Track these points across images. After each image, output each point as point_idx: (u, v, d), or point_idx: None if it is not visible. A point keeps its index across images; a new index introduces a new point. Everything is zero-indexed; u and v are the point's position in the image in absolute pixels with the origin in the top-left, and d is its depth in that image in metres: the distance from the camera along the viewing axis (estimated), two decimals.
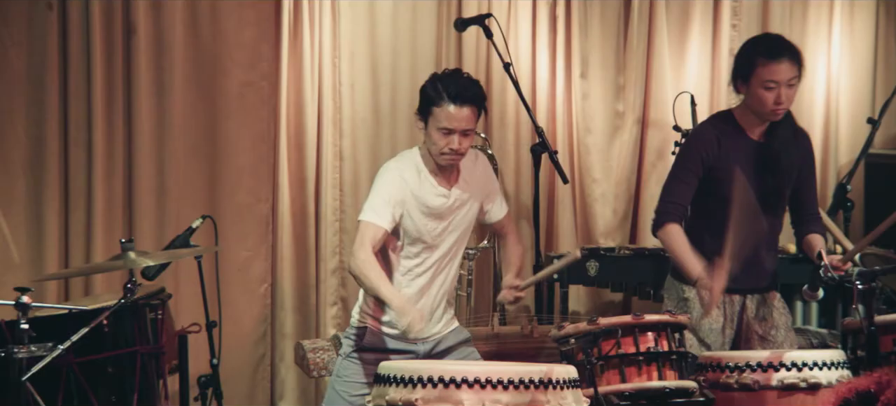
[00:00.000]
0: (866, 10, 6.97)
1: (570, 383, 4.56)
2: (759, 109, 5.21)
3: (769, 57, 5.15)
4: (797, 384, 4.93)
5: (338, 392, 5.03)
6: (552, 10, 6.91)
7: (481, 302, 6.73)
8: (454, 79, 4.90)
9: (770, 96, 5.15)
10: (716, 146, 5.25)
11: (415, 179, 4.93)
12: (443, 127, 4.86)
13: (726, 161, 5.24)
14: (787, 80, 5.15)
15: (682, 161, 5.35)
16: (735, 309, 5.36)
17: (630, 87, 6.91)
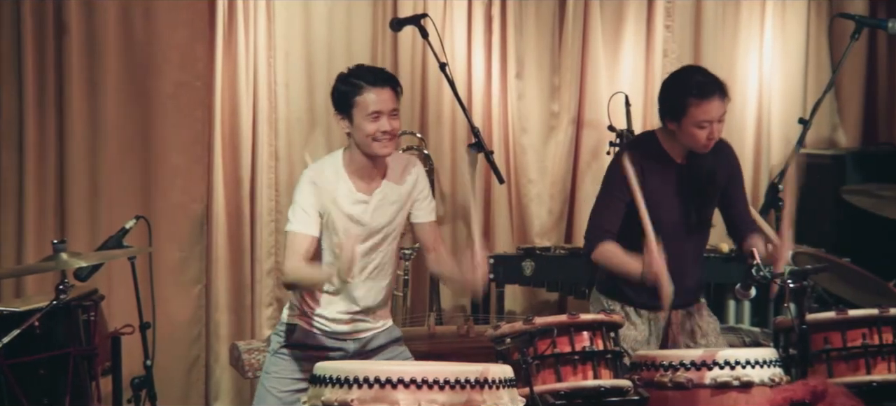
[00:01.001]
0: (797, 11, 7.04)
1: (505, 383, 4.57)
2: (690, 145, 5.23)
3: (701, 97, 5.15)
4: (730, 382, 4.97)
5: (266, 388, 5.02)
6: (487, 10, 6.93)
7: (417, 302, 6.73)
8: (365, 67, 4.97)
9: (703, 134, 5.18)
10: (639, 171, 5.25)
11: (333, 185, 4.93)
12: (371, 112, 4.87)
13: (651, 186, 5.25)
14: (718, 116, 5.18)
15: (607, 187, 5.36)
16: (660, 325, 5.39)
17: (565, 88, 6.94)
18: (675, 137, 5.25)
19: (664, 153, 5.29)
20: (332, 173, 4.96)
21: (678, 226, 5.24)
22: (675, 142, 5.27)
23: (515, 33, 6.92)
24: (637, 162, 5.27)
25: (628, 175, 5.08)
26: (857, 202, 5.48)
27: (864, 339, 5.11)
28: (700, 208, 5.30)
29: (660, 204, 5.19)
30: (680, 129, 5.21)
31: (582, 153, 6.95)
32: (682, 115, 5.17)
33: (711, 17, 6.99)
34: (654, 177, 5.25)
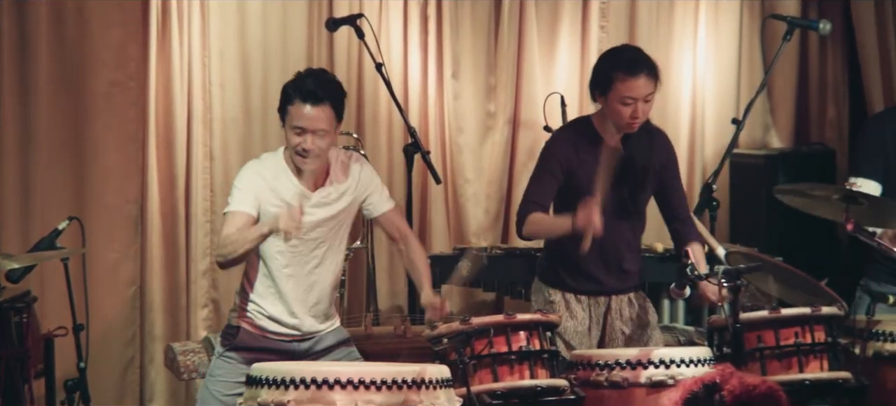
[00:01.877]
0: (730, 13, 7.10)
1: (442, 383, 4.59)
2: (616, 121, 5.29)
3: (628, 73, 5.21)
4: (665, 381, 5.01)
5: (211, 392, 5.00)
6: (423, 10, 6.93)
7: (354, 302, 6.73)
8: (311, 77, 4.89)
9: (627, 111, 5.23)
10: (572, 152, 5.31)
11: (274, 178, 4.91)
12: (295, 126, 4.85)
13: (584, 167, 5.30)
14: (644, 95, 5.23)
15: (540, 164, 5.41)
16: (600, 311, 5.44)
17: (501, 88, 6.96)
18: (605, 115, 5.30)
19: (598, 136, 5.35)
20: (275, 166, 4.95)
21: (612, 208, 5.28)
22: (607, 124, 5.32)
23: (451, 33, 6.93)
24: (572, 142, 5.31)
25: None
26: (790, 202, 5.53)
27: (796, 337, 5.16)
28: (633, 193, 5.36)
29: (591, 186, 5.23)
30: (607, 104, 5.27)
31: (518, 153, 6.98)
32: (609, 89, 5.24)
33: (646, 18, 7.03)
34: (587, 158, 5.29)
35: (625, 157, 5.34)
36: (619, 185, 5.31)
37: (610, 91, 5.24)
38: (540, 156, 5.49)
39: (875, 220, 5.42)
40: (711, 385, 2.93)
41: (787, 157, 6.75)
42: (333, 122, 4.88)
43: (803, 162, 6.77)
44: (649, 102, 5.26)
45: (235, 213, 4.87)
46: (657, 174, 5.41)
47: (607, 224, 5.20)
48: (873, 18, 6.89)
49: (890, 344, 5.44)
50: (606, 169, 5.13)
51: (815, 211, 5.51)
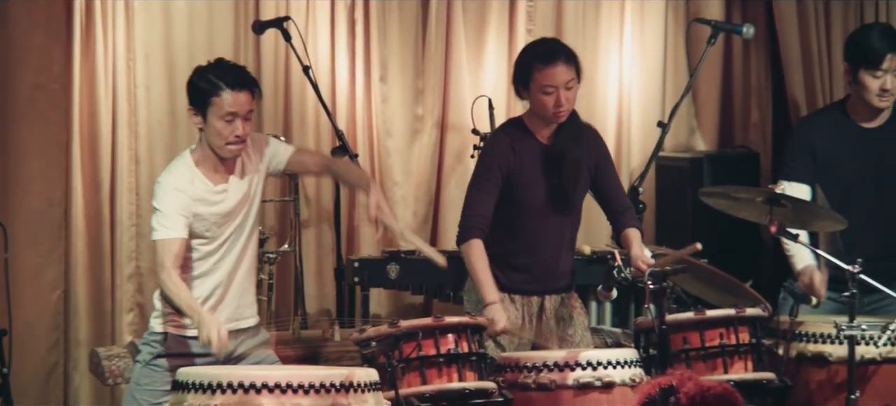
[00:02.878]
0: (655, 17, 7.15)
1: (371, 386, 4.59)
2: (541, 113, 5.33)
3: (545, 62, 5.27)
4: (592, 383, 5.04)
5: (137, 400, 4.96)
6: (350, 13, 6.92)
7: (282, 306, 6.70)
8: (226, 67, 4.96)
9: (550, 100, 5.27)
10: (510, 153, 5.35)
11: (190, 186, 4.92)
12: (227, 113, 4.86)
13: (521, 166, 5.34)
14: (564, 82, 5.27)
15: (480, 171, 5.43)
16: (533, 310, 5.46)
17: (429, 91, 6.97)
18: (533, 111, 5.34)
19: (530, 133, 5.38)
20: (186, 173, 4.94)
21: (547, 206, 5.32)
22: (536, 121, 5.36)
23: (379, 37, 6.93)
24: (508, 144, 5.35)
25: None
26: (714, 204, 5.59)
27: (721, 338, 5.21)
28: (568, 190, 5.39)
29: (528, 184, 5.28)
30: (530, 97, 5.32)
31: (446, 156, 6.99)
32: (530, 81, 5.30)
33: (572, 22, 7.07)
34: (524, 157, 5.33)
35: (557, 154, 5.37)
36: (552, 181, 5.34)
37: (531, 83, 5.30)
38: (479, 161, 5.49)
39: (798, 222, 5.49)
40: (668, 388, 2.95)
41: (712, 160, 6.82)
42: (253, 106, 4.97)
43: (728, 165, 6.84)
44: (571, 90, 5.29)
45: (165, 241, 4.87)
46: (592, 170, 5.45)
47: (542, 222, 5.24)
48: (795, 22, 6.98)
49: (813, 345, 5.51)
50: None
51: (740, 213, 5.57)
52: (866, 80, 5.72)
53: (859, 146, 5.82)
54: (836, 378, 5.46)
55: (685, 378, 2.99)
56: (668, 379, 2.99)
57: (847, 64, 5.81)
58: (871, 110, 5.80)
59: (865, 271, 5.30)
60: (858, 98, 5.80)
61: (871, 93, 5.73)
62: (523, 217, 5.33)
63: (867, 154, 5.82)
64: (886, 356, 5.48)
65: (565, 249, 5.48)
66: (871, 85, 5.72)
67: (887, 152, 5.82)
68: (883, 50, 5.68)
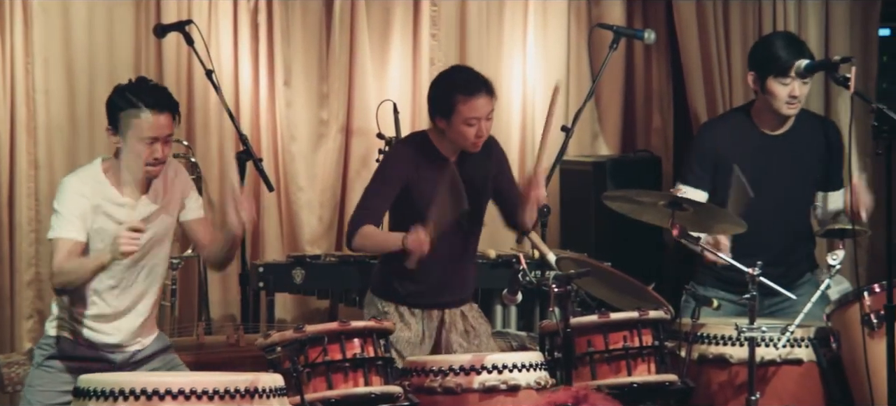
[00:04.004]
0: (558, 22, 7.19)
1: (276, 392, 4.57)
2: (460, 143, 5.34)
3: (468, 93, 5.29)
4: (498, 386, 5.06)
5: (30, 403, 4.90)
6: (253, 16, 6.89)
7: (186, 311, 6.65)
8: (146, 88, 4.90)
9: (472, 131, 5.31)
10: (413, 168, 5.35)
11: (96, 194, 4.86)
12: (146, 136, 4.81)
13: (422, 182, 5.34)
14: (486, 114, 5.31)
15: (378, 177, 5.45)
16: (434, 324, 5.47)
17: (334, 96, 6.95)
18: (446, 136, 5.35)
19: (436, 151, 5.39)
20: (94, 181, 4.89)
21: (452, 223, 5.33)
22: (446, 140, 5.37)
23: (282, 41, 6.90)
24: (412, 159, 5.35)
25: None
26: (618, 208, 5.63)
27: (625, 341, 5.26)
28: (473, 206, 5.41)
29: (429, 200, 5.28)
30: (449, 126, 5.32)
31: (351, 161, 6.98)
32: (451, 112, 5.30)
33: (476, 27, 7.10)
34: (426, 174, 5.33)
35: (463, 171, 5.38)
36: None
37: (453, 114, 5.30)
38: (378, 169, 5.50)
39: (700, 226, 5.55)
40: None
41: (615, 165, 6.88)
42: (173, 128, 4.91)
43: (630, 169, 6.90)
44: (490, 120, 5.34)
45: (62, 240, 4.80)
46: (493, 180, 5.48)
47: (443, 237, 5.24)
48: (695, 27, 7.06)
49: (714, 347, 5.58)
50: (443, 194, 5.17)
51: (642, 217, 5.62)
52: (775, 88, 5.80)
53: (761, 152, 5.90)
54: (737, 379, 5.53)
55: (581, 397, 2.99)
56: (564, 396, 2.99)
57: (754, 73, 5.89)
58: (777, 118, 5.89)
59: (765, 274, 5.37)
60: (765, 106, 5.88)
61: (781, 100, 5.81)
62: None
63: (769, 160, 5.90)
64: (786, 358, 5.56)
65: (466, 262, 5.50)
66: (780, 92, 5.80)
67: (790, 160, 5.91)
68: (790, 58, 5.77)
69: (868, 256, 6.84)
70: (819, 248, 6.23)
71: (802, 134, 5.93)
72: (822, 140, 5.97)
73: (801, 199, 5.98)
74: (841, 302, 5.60)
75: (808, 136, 5.94)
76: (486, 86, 5.33)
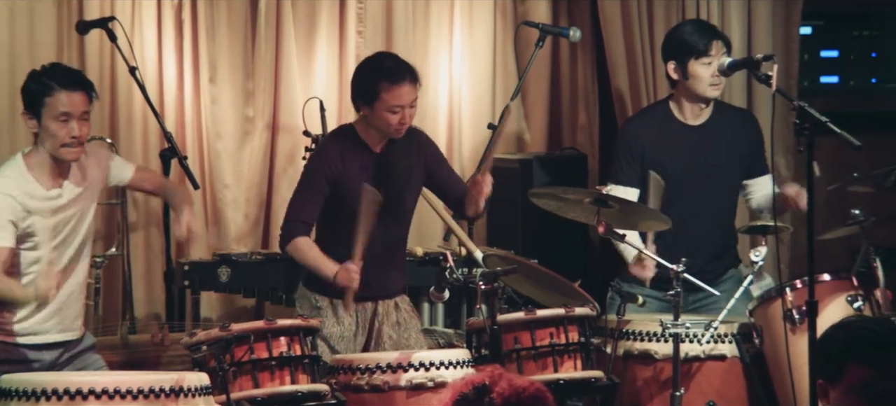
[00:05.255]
0: (484, 19, 7.20)
1: (201, 391, 4.55)
2: (383, 129, 5.36)
3: (392, 81, 5.31)
4: (425, 383, 5.07)
5: None
6: (177, 13, 6.83)
7: (110, 311, 6.59)
8: (60, 69, 4.96)
9: (395, 118, 5.32)
10: (339, 162, 5.37)
11: (21, 190, 4.82)
12: (61, 113, 4.79)
13: (351, 175, 5.35)
14: (410, 101, 5.33)
15: (307, 178, 5.45)
16: (367, 316, 5.47)
17: (259, 93, 6.91)
18: (370, 124, 5.36)
19: (362, 142, 5.41)
20: (18, 177, 4.84)
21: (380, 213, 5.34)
22: (371, 130, 5.39)
23: (207, 38, 6.85)
24: (338, 153, 5.36)
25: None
26: (544, 205, 5.66)
27: (551, 338, 5.28)
28: (400, 196, 5.43)
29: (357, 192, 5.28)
30: (373, 113, 5.34)
31: (277, 158, 6.94)
32: (375, 99, 5.32)
33: (402, 25, 7.09)
34: (353, 166, 5.35)
35: (389, 161, 5.40)
36: (385, 187, 5.37)
37: (376, 101, 5.31)
38: (304, 170, 5.50)
39: (625, 223, 5.59)
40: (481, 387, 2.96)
41: (542, 162, 6.90)
42: (89, 106, 4.92)
43: (557, 166, 6.93)
44: (414, 108, 5.36)
45: None
46: (425, 171, 5.49)
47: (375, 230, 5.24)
48: (620, 25, 7.10)
49: (639, 343, 5.62)
50: (366, 217, 5.18)
51: (569, 214, 5.65)
52: (698, 70, 5.86)
53: (684, 144, 5.95)
54: (662, 375, 5.57)
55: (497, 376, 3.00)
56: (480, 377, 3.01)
57: (674, 62, 5.93)
58: (697, 106, 5.94)
59: (690, 270, 5.42)
60: (687, 94, 5.93)
61: (705, 82, 5.87)
62: (354, 225, 5.33)
63: (691, 152, 5.96)
64: (710, 353, 5.61)
65: (397, 254, 5.50)
66: (704, 73, 5.86)
67: (710, 150, 5.97)
68: (708, 37, 5.85)
69: (790, 252, 6.91)
70: (742, 244, 6.29)
71: (722, 123, 6.00)
72: (741, 129, 6.05)
73: (724, 192, 6.04)
74: (763, 298, 5.67)
75: (728, 125, 6.01)
76: (410, 73, 5.36)
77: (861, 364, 3.30)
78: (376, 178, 5.39)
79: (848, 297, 5.57)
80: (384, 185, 5.38)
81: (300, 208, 5.40)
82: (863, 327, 3.36)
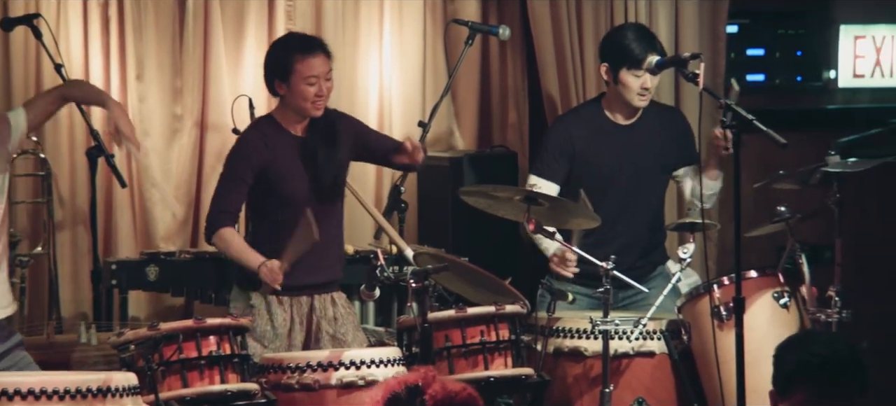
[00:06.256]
0: (414, 17, 7.20)
1: (129, 391, 4.52)
2: (300, 106, 5.39)
3: (305, 52, 5.38)
4: (356, 382, 5.07)
5: None
6: (104, 10, 6.77)
7: (36, 310, 6.52)
8: None
9: (312, 91, 5.36)
10: (263, 148, 5.38)
11: None
12: None
13: (276, 160, 5.37)
14: (324, 73, 5.37)
15: (229, 169, 5.46)
16: (303, 311, 5.46)
17: (188, 91, 6.87)
18: (287, 105, 5.39)
19: (283, 129, 5.43)
20: None
21: (306, 199, 5.34)
22: (290, 113, 5.41)
23: (134, 35, 6.79)
24: (260, 141, 5.37)
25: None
26: (474, 203, 5.67)
27: (482, 335, 5.30)
28: (328, 177, 5.44)
29: (285, 177, 5.32)
30: (290, 90, 5.38)
31: (206, 156, 6.90)
32: (290, 73, 5.36)
33: (332, 23, 7.07)
34: (278, 151, 5.35)
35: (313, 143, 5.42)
36: (311, 172, 5.39)
37: (291, 75, 5.36)
38: (227, 160, 5.51)
39: (554, 220, 5.61)
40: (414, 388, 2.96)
41: (472, 160, 6.91)
42: None
43: (487, 164, 6.94)
44: (330, 81, 5.40)
45: None
46: (353, 146, 5.52)
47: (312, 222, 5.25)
48: (549, 23, 7.12)
49: (569, 340, 5.65)
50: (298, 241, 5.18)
51: (499, 212, 5.67)
52: (628, 80, 5.89)
53: (615, 143, 5.99)
54: (592, 372, 5.60)
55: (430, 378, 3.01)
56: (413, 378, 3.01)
57: (607, 65, 5.97)
58: (628, 109, 5.98)
59: (619, 267, 5.45)
60: (617, 97, 5.97)
61: (633, 92, 5.90)
62: (285, 212, 5.34)
63: (622, 151, 6.00)
64: (639, 350, 5.65)
65: (332, 245, 5.50)
66: (633, 84, 5.89)
67: (640, 149, 6.01)
68: (643, 50, 5.87)
69: (717, 249, 6.97)
70: (670, 242, 6.34)
71: (652, 123, 6.05)
72: (671, 127, 6.10)
73: (654, 190, 6.08)
74: (691, 295, 5.72)
75: (658, 124, 6.06)
76: (321, 45, 5.44)
77: (806, 388, 3.47)
78: (301, 161, 5.41)
79: (774, 293, 5.63)
80: (312, 169, 5.40)
81: (224, 199, 5.42)
82: (813, 352, 3.49)
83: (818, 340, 3.59)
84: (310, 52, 5.38)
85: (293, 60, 5.37)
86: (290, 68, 5.36)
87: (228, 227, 5.38)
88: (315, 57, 5.38)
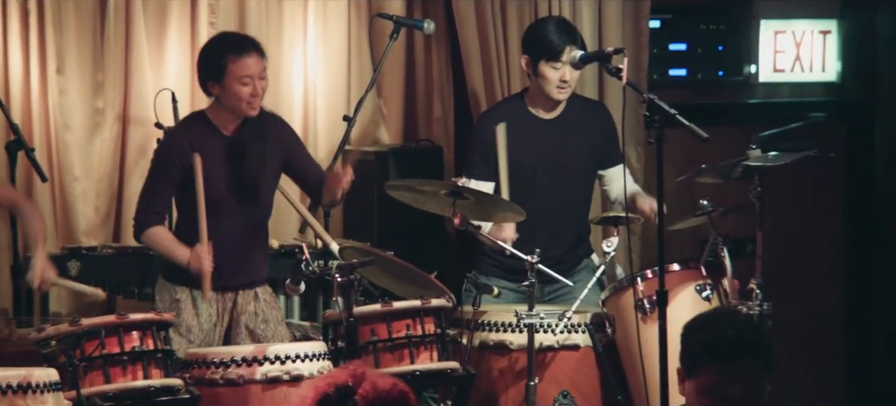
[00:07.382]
0: (339, 11, 7.18)
1: (50, 387, 4.47)
2: (235, 106, 5.34)
3: (238, 52, 5.33)
4: (281, 377, 5.05)
5: None
6: (23, 3, 6.70)
7: None
8: None
9: (246, 90, 5.32)
10: (189, 150, 5.33)
11: None
12: None
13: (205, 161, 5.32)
14: (258, 72, 5.34)
15: (156, 168, 5.42)
16: (227, 306, 5.43)
17: (109, 85, 6.81)
18: (221, 104, 5.35)
19: (213, 127, 5.39)
20: None
21: (233, 199, 5.32)
22: (223, 112, 5.37)
23: (54, 29, 6.72)
24: (187, 140, 5.33)
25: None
26: (400, 197, 5.67)
27: (408, 329, 5.30)
28: (254, 181, 5.40)
29: (210, 178, 5.28)
30: (224, 91, 5.34)
31: (129, 150, 6.84)
32: (223, 73, 5.33)
33: (255, 17, 7.03)
34: (204, 151, 5.32)
35: (241, 145, 5.39)
36: (237, 174, 5.36)
37: (225, 76, 5.31)
38: (155, 158, 5.47)
39: (481, 214, 5.62)
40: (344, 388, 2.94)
41: (398, 154, 6.91)
42: None
43: (412, 158, 6.94)
44: (264, 80, 5.37)
45: None
46: (282, 155, 5.48)
47: (230, 217, 5.23)
48: (473, 17, 7.13)
49: (494, 334, 5.66)
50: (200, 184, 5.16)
51: (425, 206, 5.67)
52: (547, 72, 5.91)
53: (538, 137, 6.01)
54: (517, 365, 5.62)
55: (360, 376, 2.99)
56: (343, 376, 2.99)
57: (527, 57, 5.99)
58: (550, 102, 6.01)
59: (545, 261, 5.47)
60: (538, 90, 5.99)
61: (552, 84, 5.92)
62: (210, 211, 5.29)
63: (545, 145, 6.02)
64: (563, 343, 5.68)
65: (257, 243, 5.48)
66: (552, 77, 5.91)
67: (564, 143, 6.03)
68: (562, 43, 5.89)
69: (641, 242, 7.02)
70: (594, 235, 6.38)
71: (575, 116, 6.07)
72: (594, 121, 6.13)
73: (578, 184, 6.11)
74: (615, 288, 5.75)
75: (581, 118, 6.08)
76: (254, 45, 5.40)
77: (710, 368, 3.50)
78: (228, 161, 5.37)
79: (697, 286, 5.69)
80: (239, 169, 5.36)
81: (151, 198, 5.38)
82: (718, 334, 3.52)
83: (725, 320, 3.62)
84: (243, 51, 5.32)
85: (226, 61, 5.31)
86: (223, 69, 5.31)
87: (156, 226, 5.33)
88: (248, 56, 5.32)
